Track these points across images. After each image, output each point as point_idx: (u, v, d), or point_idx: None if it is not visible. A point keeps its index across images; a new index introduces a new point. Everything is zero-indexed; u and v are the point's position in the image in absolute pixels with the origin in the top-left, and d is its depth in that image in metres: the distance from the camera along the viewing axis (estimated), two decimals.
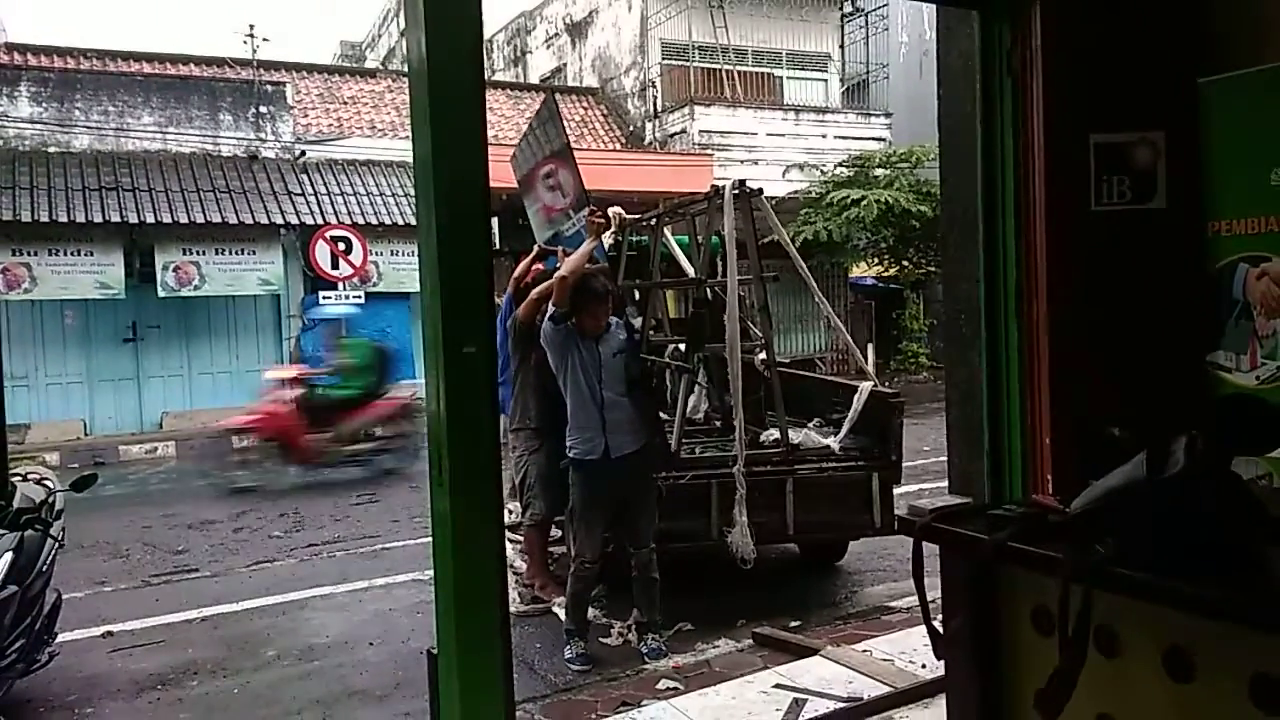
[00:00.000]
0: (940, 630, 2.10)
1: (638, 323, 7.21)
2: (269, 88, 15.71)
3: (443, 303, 2.51)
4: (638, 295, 7.59)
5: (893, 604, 5.32)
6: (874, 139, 18.91)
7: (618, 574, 5.85)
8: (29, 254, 13.02)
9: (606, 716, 3.69)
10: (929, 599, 2.11)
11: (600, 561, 4.90)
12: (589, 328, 4.81)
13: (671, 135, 18.20)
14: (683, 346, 6.61)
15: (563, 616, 5.09)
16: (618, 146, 18.72)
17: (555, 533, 5.96)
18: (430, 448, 2.60)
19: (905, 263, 18.06)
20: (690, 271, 6.88)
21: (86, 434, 13.79)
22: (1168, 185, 2.95)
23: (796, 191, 17.44)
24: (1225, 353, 2.88)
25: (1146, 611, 1.73)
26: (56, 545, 4.26)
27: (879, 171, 17.25)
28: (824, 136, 18.71)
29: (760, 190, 5.70)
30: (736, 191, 5.57)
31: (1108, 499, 1.84)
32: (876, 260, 18.42)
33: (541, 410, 5.54)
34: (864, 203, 16.13)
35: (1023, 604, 2.01)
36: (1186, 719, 1.71)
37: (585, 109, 19.75)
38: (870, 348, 18.49)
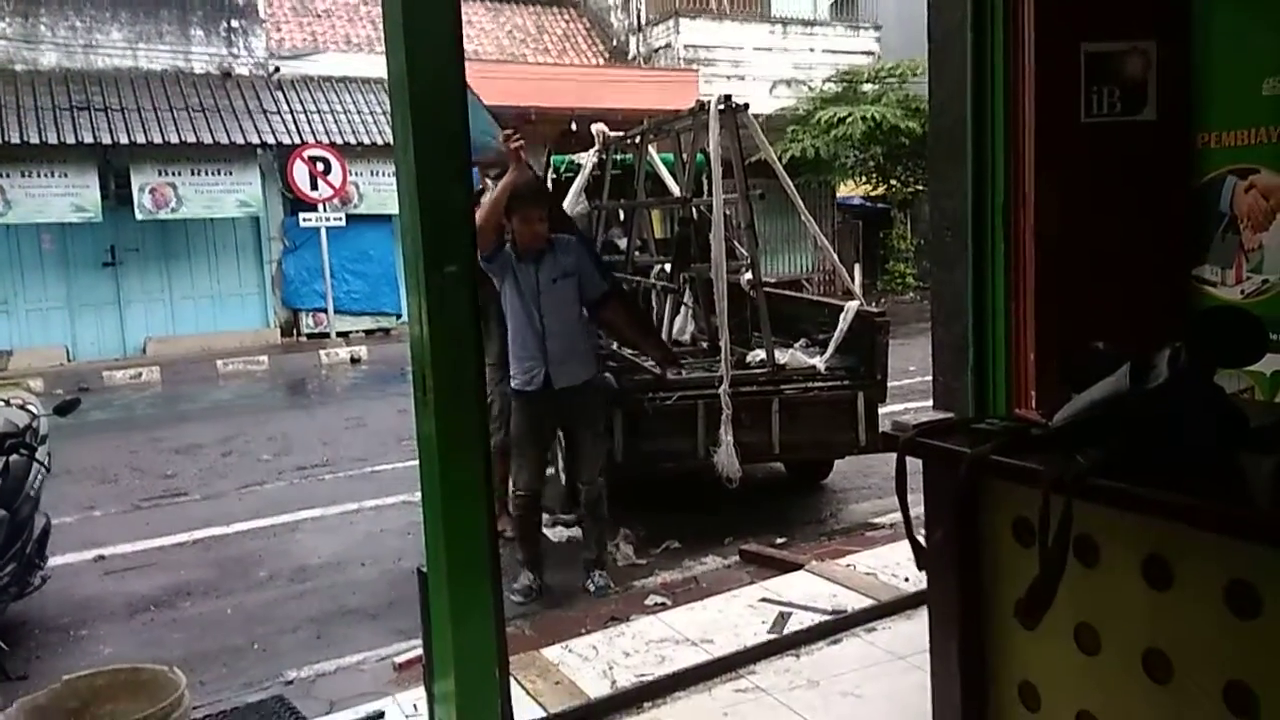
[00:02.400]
0: (923, 544, 2.13)
1: (623, 243, 7.18)
2: (240, 0, 15.24)
3: (422, 222, 2.47)
4: (623, 215, 7.52)
5: (876, 520, 5.40)
6: (863, 53, 18.58)
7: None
8: (2, 176, 12.75)
9: (595, 631, 3.76)
10: (912, 514, 2.13)
11: (538, 490, 4.67)
12: (523, 239, 4.46)
13: (656, 50, 17.82)
14: (668, 267, 6.58)
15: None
16: (601, 62, 18.34)
17: None
18: (414, 368, 2.59)
19: (893, 181, 17.91)
20: (675, 190, 6.80)
21: (69, 360, 13.71)
22: (1158, 97, 2.91)
23: (784, 108, 17.17)
24: (1211, 267, 2.88)
25: (1126, 521, 1.75)
26: (43, 470, 4.26)
27: (867, 87, 16.99)
28: (811, 50, 18.37)
29: (746, 106, 5.60)
30: (722, 108, 5.47)
31: (1090, 411, 1.85)
32: (864, 179, 18.25)
33: (503, 341, 5.34)
34: (851, 119, 15.91)
35: (1004, 516, 2.03)
36: (1164, 625, 1.74)
37: (567, 22, 19.28)
38: (857, 267, 18.45)
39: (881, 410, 5.74)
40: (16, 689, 3.47)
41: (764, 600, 3.88)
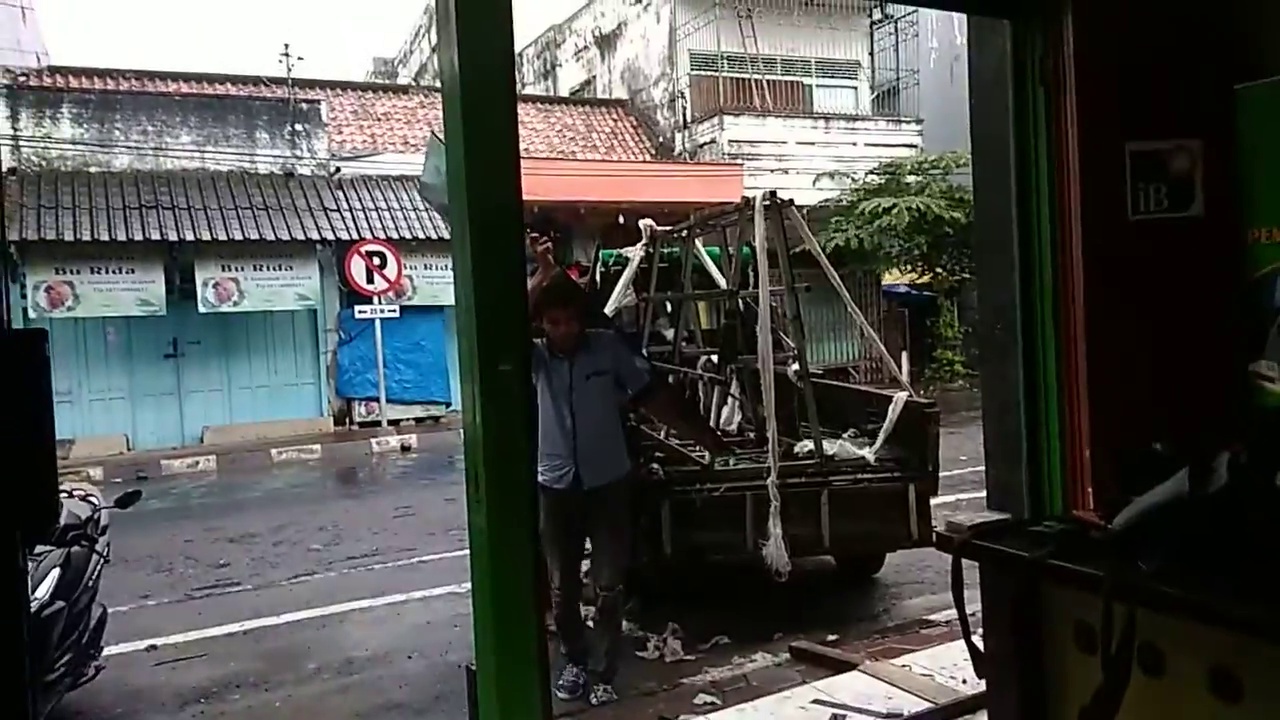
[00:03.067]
0: (980, 648, 2.09)
1: (669, 334, 7.25)
2: (304, 105, 15.96)
3: (477, 320, 2.53)
4: (670, 307, 7.61)
5: (932, 617, 5.27)
6: (905, 145, 18.81)
7: (651, 587, 5.87)
8: (72, 272, 13.29)
9: None
10: (969, 615, 2.10)
11: (575, 584, 4.64)
12: (553, 338, 4.41)
13: (701, 145, 18.22)
14: (715, 358, 6.61)
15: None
16: (648, 158, 18.78)
17: None
18: (467, 465, 2.63)
19: (939, 270, 17.93)
20: (722, 283, 6.88)
21: (129, 449, 14.03)
22: (1205, 193, 2.92)
23: (827, 200, 17.37)
24: (1268, 362, 2.83)
25: (1191, 630, 1.71)
26: (101, 561, 4.34)
27: (910, 179, 17.16)
28: (854, 144, 18.63)
29: (791, 201, 5.70)
30: (767, 203, 5.57)
31: (1150, 515, 1.82)
32: (910, 267, 18.30)
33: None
34: (895, 210, 16.05)
35: (1065, 621, 1.99)
36: None
37: (615, 120, 19.83)
38: (904, 356, 18.35)
39: (934, 501, 5.65)
40: None
41: (816, 701, 3.79)
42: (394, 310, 14.91)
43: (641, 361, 4.83)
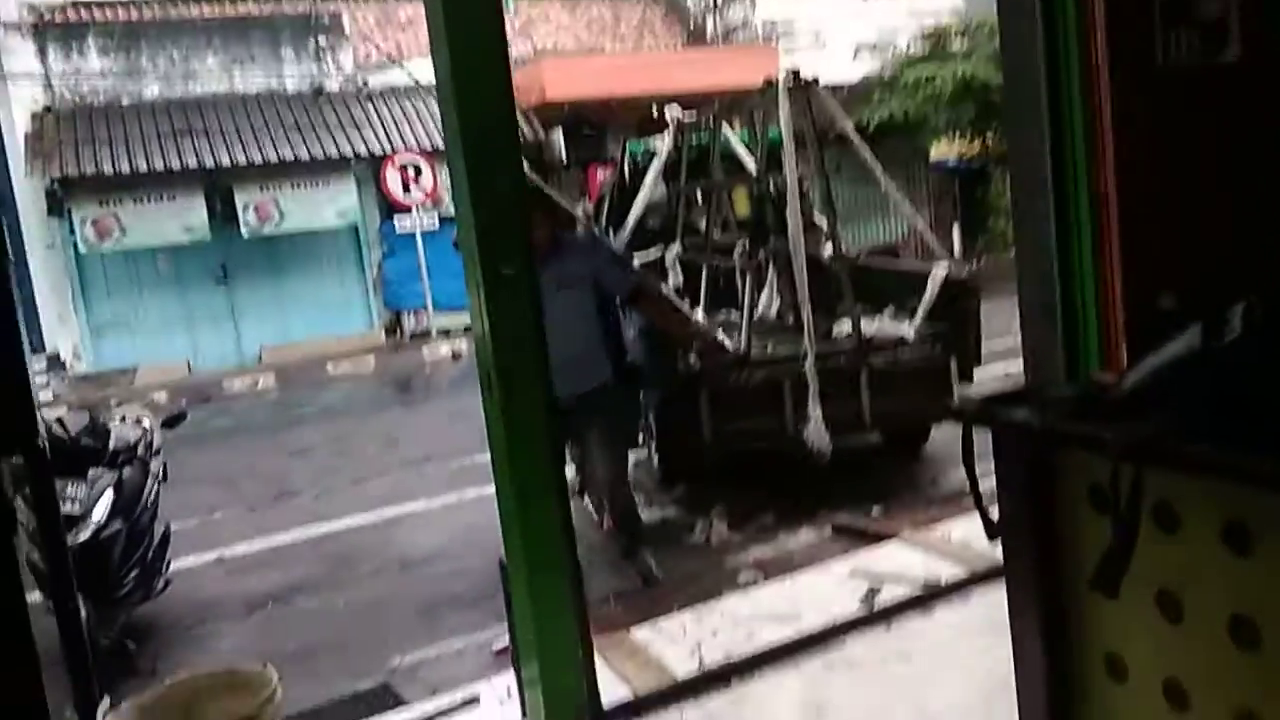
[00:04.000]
0: (993, 515, 2.08)
1: (702, 224, 7.15)
2: (326, 19, 15.72)
3: (477, 226, 2.53)
4: (701, 196, 7.49)
5: None
6: (949, 10, 17.96)
7: (697, 471, 5.95)
8: (116, 204, 13.47)
9: (684, 609, 3.78)
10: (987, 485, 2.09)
11: (607, 481, 4.61)
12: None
13: (734, 28, 17.62)
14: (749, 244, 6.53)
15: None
16: (679, 45, 18.24)
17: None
18: (479, 369, 2.65)
19: (988, 138, 17.30)
20: (753, 168, 6.74)
21: (191, 372, 14.43)
22: (1241, 35, 2.73)
23: (869, 74, 16.76)
24: None
25: (1204, 486, 1.67)
26: (158, 480, 4.51)
27: (956, 44, 16.44)
28: (895, 12, 17.85)
29: (816, 80, 5.50)
30: (791, 85, 5.39)
31: (1161, 372, 1.77)
32: (958, 138, 17.69)
33: None
34: (939, 78, 15.43)
35: (1079, 484, 1.96)
36: (1248, 591, 1.66)
37: (645, 8, 19.21)
38: (955, 229, 17.94)
39: (979, 373, 5.60)
40: (145, 686, 3.70)
41: (854, 573, 3.83)
42: (433, 221, 14.91)
43: (621, 269, 4.71)
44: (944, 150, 18.42)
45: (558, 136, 15.56)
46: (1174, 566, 1.80)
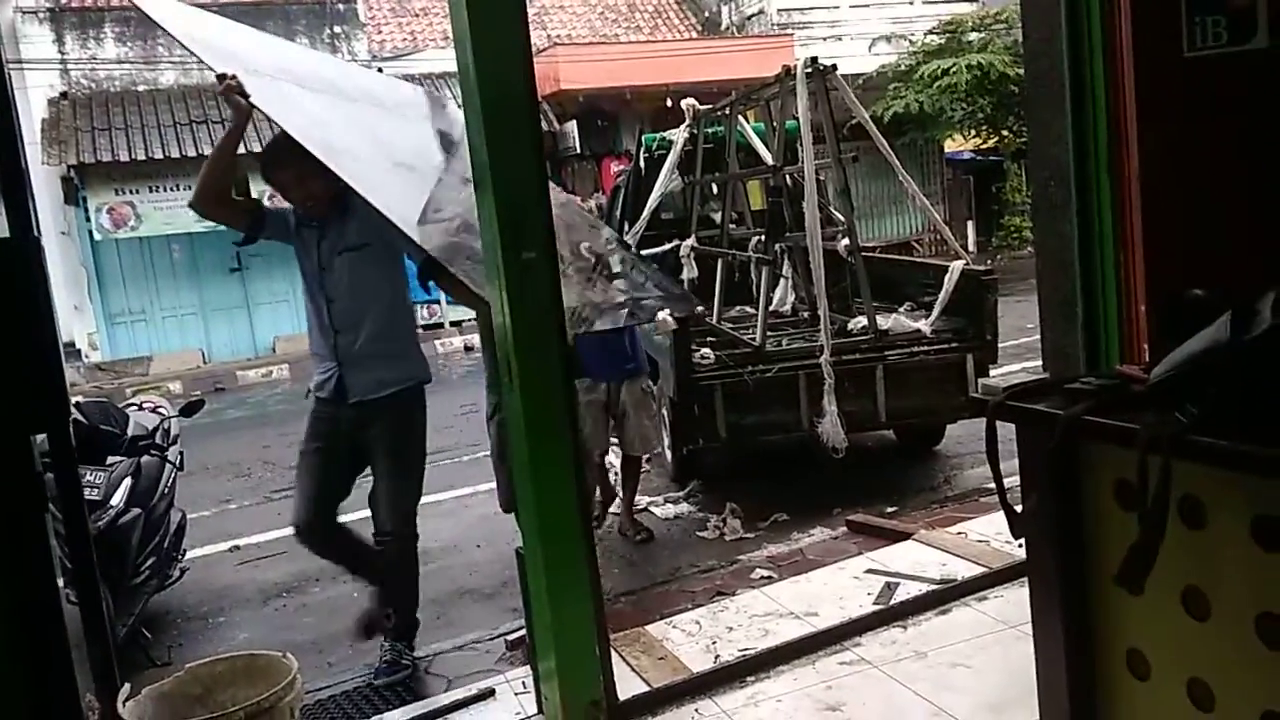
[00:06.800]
0: (1017, 511, 2.05)
1: (718, 217, 7.12)
2: (341, 7, 15.72)
3: (498, 211, 2.52)
4: (716, 189, 7.46)
5: (991, 485, 5.23)
6: (965, 1, 17.85)
7: (711, 468, 5.94)
8: (131, 192, 13.52)
9: (699, 606, 3.77)
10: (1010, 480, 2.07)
11: (309, 536, 3.82)
12: (300, 201, 3.52)
13: (749, 18, 17.55)
14: (764, 238, 6.49)
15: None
16: (694, 35, 18.17)
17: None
18: (499, 354, 2.64)
19: (1005, 132, 17.18)
20: (769, 160, 6.70)
21: (205, 362, 14.49)
22: (1269, 23, 2.69)
23: (885, 65, 16.67)
24: None
25: (1231, 480, 1.64)
26: (175, 469, 4.52)
27: (972, 36, 16.32)
28: (911, 3, 17.76)
29: (834, 67, 5.46)
30: (809, 71, 5.35)
31: (1188, 364, 1.74)
32: (974, 132, 17.57)
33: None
34: (955, 70, 15.32)
35: (1105, 478, 1.94)
36: (1276, 589, 1.63)
37: None
38: (970, 224, 17.83)
39: (995, 371, 5.55)
40: (160, 675, 3.71)
41: (870, 571, 3.82)
42: None
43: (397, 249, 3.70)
44: (959, 144, 18.31)
45: (572, 128, 15.53)
46: (1200, 562, 1.77)
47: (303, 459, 3.74)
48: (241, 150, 3.59)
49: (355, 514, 4.06)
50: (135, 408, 4.68)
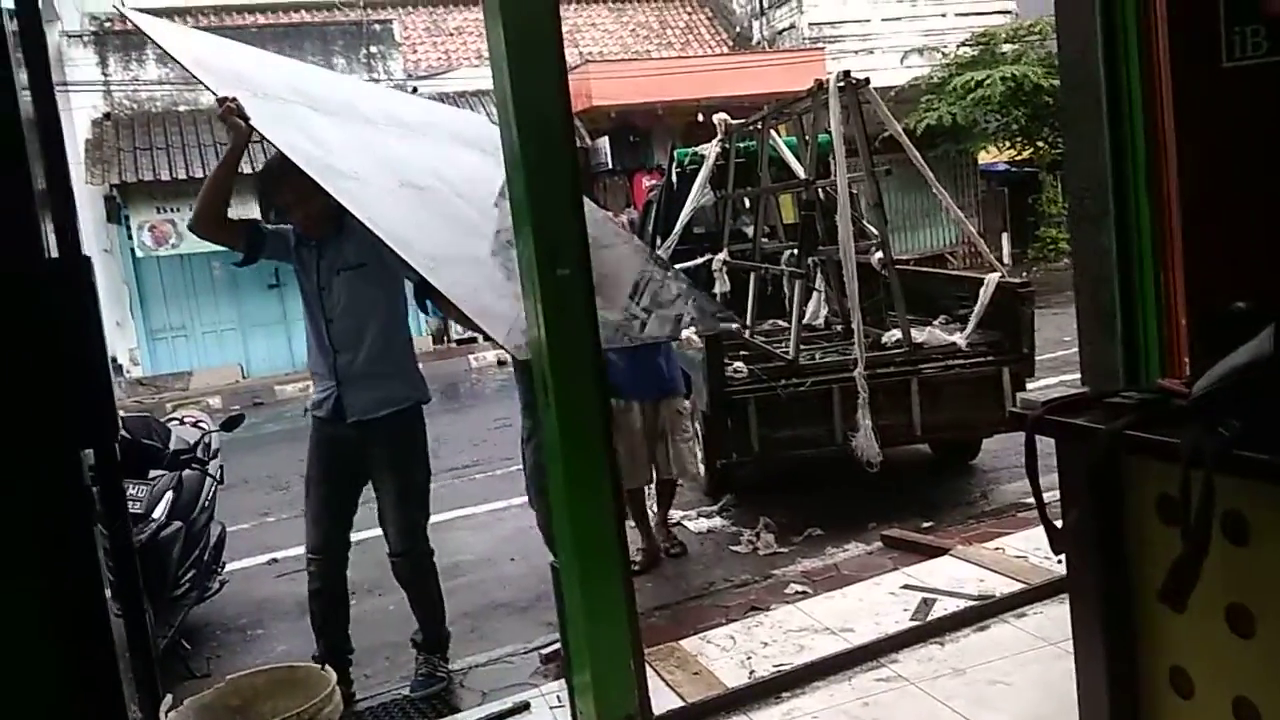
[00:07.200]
0: (1057, 526, 2.03)
1: (750, 231, 7.12)
2: (377, 27, 15.95)
3: (534, 227, 2.54)
4: (748, 203, 7.46)
5: (1029, 500, 5.17)
6: (999, 13, 17.75)
7: (744, 482, 5.92)
8: (172, 210, 13.76)
9: (734, 621, 3.76)
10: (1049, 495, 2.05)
11: (328, 556, 3.79)
12: (299, 221, 3.57)
13: (780, 32, 17.57)
14: (797, 252, 6.48)
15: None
16: (725, 50, 18.22)
17: None
18: (535, 369, 2.66)
19: (1040, 143, 17.03)
20: (801, 174, 6.69)
21: (244, 377, 14.69)
22: None
23: (917, 79, 16.61)
24: None
25: (1276, 495, 1.62)
26: (215, 482, 4.58)
27: (1006, 48, 16.23)
28: (944, 16, 17.68)
29: (867, 81, 5.45)
30: (841, 85, 5.34)
31: (1230, 377, 1.72)
32: (1008, 144, 17.45)
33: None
34: (989, 82, 15.22)
35: (1147, 494, 1.92)
36: None
37: (689, 14, 19.24)
38: (1005, 236, 17.68)
39: (1032, 385, 5.50)
40: (199, 686, 3.76)
41: (906, 587, 3.78)
42: None
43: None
44: (994, 155, 18.19)
45: (604, 144, 15.61)
46: (1245, 579, 1.75)
47: (310, 489, 3.78)
48: (247, 170, 3.60)
49: (366, 533, 4.07)
50: (177, 422, 4.76)
